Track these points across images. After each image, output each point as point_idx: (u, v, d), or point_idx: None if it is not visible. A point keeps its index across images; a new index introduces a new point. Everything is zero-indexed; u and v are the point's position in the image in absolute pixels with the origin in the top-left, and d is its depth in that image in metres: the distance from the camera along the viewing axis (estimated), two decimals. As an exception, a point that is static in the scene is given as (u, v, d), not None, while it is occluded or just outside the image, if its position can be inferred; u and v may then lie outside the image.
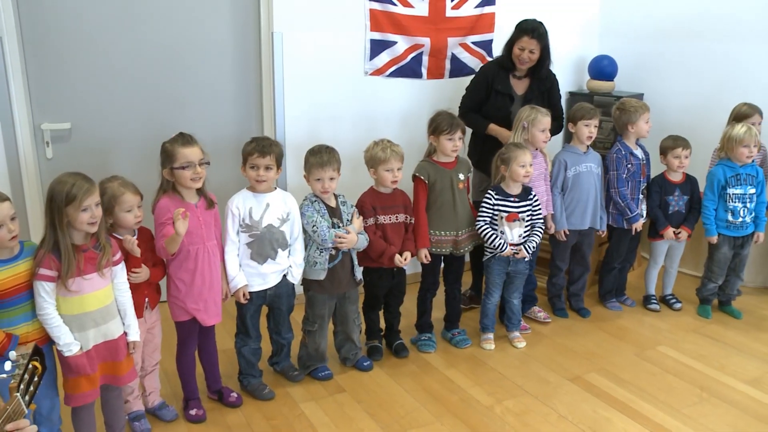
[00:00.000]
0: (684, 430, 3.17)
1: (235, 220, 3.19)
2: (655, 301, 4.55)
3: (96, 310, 2.63)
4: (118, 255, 2.72)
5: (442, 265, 3.93)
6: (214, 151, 3.76)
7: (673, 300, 4.57)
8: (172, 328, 3.17)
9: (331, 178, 3.36)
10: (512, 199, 3.77)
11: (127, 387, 2.99)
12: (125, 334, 2.76)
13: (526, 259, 3.90)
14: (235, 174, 3.53)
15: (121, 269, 2.74)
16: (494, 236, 3.75)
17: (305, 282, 3.45)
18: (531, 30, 4.05)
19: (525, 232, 3.82)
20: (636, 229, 4.29)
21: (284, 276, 3.34)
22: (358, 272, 3.54)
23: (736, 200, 4.19)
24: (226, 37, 4.09)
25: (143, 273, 2.89)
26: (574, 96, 5.37)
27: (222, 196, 3.26)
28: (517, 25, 4.14)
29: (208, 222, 3.07)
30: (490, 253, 3.84)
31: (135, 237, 2.84)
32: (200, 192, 3.07)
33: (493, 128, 4.14)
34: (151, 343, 3.11)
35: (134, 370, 2.85)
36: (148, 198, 3.00)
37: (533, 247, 3.87)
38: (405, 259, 3.61)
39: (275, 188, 3.32)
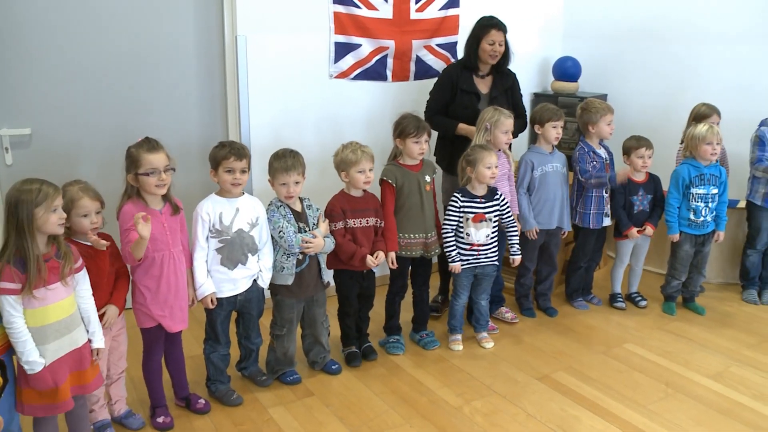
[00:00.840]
0: (650, 426, 3.21)
1: (205, 226, 3.16)
2: (621, 300, 4.60)
3: (59, 321, 2.57)
4: (80, 262, 2.68)
5: (410, 267, 3.94)
6: (180, 156, 3.73)
7: (639, 298, 4.63)
8: (139, 334, 3.14)
9: (296, 183, 3.34)
10: (478, 200, 3.79)
11: (93, 396, 2.94)
12: (89, 341, 2.72)
13: (515, 265, 3.98)
14: (200, 179, 3.51)
15: (83, 276, 2.69)
16: (452, 249, 3.79)
17: (273, 287, 3.43)
18: (497, 23, 4.13)
19: (493, 233, 3.83)
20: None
21: (254, 281, 3.32)
22: (326, 275, 3.53)
23: (699, 200, 4.25)
24: (189, 40, 4.06)
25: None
26: (538, 97, 5.42)
27: (188, 201, 3.24)
28: (479, 23, 4.18)
29: (173, 228, 3.04)
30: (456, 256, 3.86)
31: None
32: (166, 198, 3.03)
33: (463, 127, 4.15)
34: (117, 350, 3.07)
35: (100, 376, 2.81)
36: (113, 204, 2.96)
37: (516, 251, 3.93)
38: (376, 258, 3.60)
39: (243, 193, 3.30)
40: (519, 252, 3.96)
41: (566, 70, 5.43)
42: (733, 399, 3.45)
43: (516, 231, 3.93)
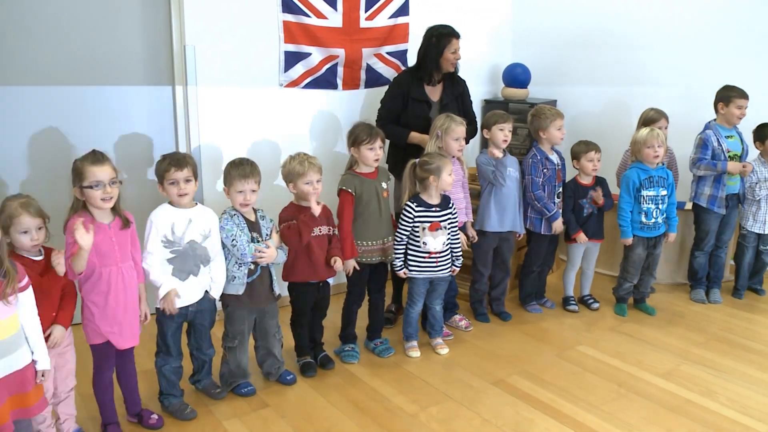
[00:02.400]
0: (603, 426, 3.25)
1: (158, 233, 3.11)
2: (573, 302, 4.66)
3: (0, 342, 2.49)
4: (25, 280, 2.58)
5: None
6: (129, 168, 3.70)
7: (591, 300, 4.69)
8: (90, 350, 3.07)
9: (253, 191, 3.33)
10: (434, 208, 3.80)
11: (39, 416, 2.86)
12: (33, 362, 2.63)
13: (452, 273, 3.97)
14: (151, 191, 3.45)
15: (27, 295, 2.60)
16: (400, 258, 3.80)
17: (223, 297, 3.40)
18: (456, 33, 4.21)
19: (448, 240, 3.85)
20: (556, 229, 4.38)
21: (205, 292, 3.28)
22: (277, 287, 3.50)
23: (649, 201, 4.33)
24: (137, 50, 4.01)
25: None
26: (489, 104, 5.48)
27: (139, 213, 3.18)
28: (437, 33, 4.19)
29: (122, 242, 2.98)
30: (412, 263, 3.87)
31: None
32: (115, 211, 2.98)
33: (415, 136, 4.17)
34: (64, 368, 2.98)
35: (44, 399, 2.71)
36: (62, 217, 2.90)
37: (459, 264, 3.93)
38: (334, 263, 3.60)
39: (195, 204, 3.27)
40: (460, 266, 3.95)
41: (516, 76, 5.49)
42: (683, 396, 3.51)
43: (459, 242, 3.94)
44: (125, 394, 3.24)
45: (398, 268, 3.82)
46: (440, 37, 4.18)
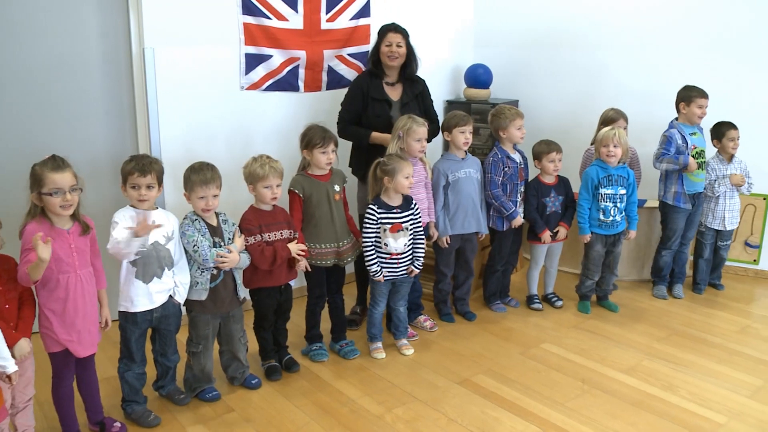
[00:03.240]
0: (568, 423, 3.28)
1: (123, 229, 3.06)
2: (537, 301, 4.70)
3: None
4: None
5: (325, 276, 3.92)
6: (89, 172, 3.63)
7: (555, 298, 4.74)
8: (48, 357, 3.01)
9: (215, 196, 3.31)
10: (395, 210, 3.81)
11: (-2, 425, 2.81)
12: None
13: (413, 275, 3.96)
14: (111, 195, 3.42)
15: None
16: (375, 263, 3.79)
17: (187, 302, 3.37)
18: (393, 26, 4.22)
19: (409, 241, 3.86)
20: (515, 225, 4.40)
21: (170, 296, 3.25)
22: (242, 291, 3.48)
23: (608, 200, 4.38)
24: (95, 53, 3.95)
25: None
26: (451, 104, 5.50)
27: (99, 218, 3.14)
28: (378, 30, 4.26)
29: (81, 249, 2.93)
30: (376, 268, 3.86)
31: None
32: (74, 217, 2.93)
33: (376, 136, 4.18)
34: (23, 377, 2.92)
35: (4, 408, 2.67)
36: (15, 223, 2.85)
37: (420, 265, 3.93)
38: (298, 262, 3.58)
39: (156, 207, 3.23)
40: (421, 266, 3.96)
41: (478, 77, 5.52)
42: (645, 391, 3.57)
43: (423, 243, 3.95)
44: (86, 402, 3.19)
45: (375, 274, 3.82)
46: (378, 33, 4.26)
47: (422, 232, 3.94)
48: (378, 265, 3.81)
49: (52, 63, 3.84)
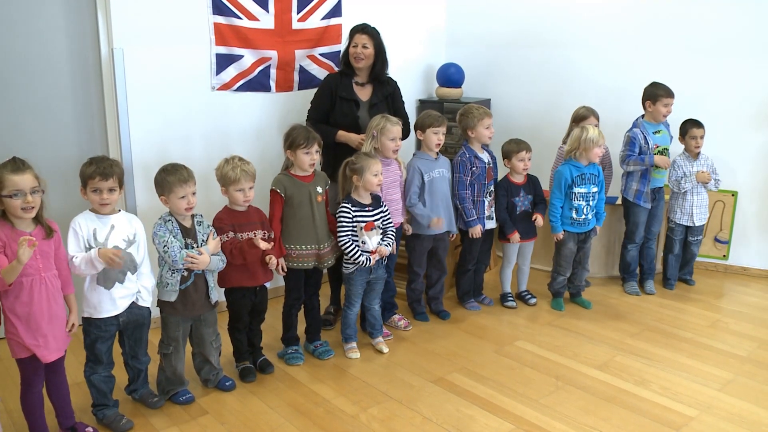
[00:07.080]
0: (542, 419, 3.30)
1: (79, 238, 3.02)
2: (511, 299, 4.72)
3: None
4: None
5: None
6: (56, 175, 3.59)
7: (528, 296, 4.76)
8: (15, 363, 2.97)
9: (194, 193, 3.30)
10: (367, 208, 3.81)
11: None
12: None
13: (385, 262, 3.96)
14: (79, 199, 3.35)
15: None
16: (358, 253, 3.77)
17: (159, 303, 3.34)
18: (361, 28, 4.24)
19: (381, 239, 3.86)
20: (473, 234, 4.38)
21: (133, 302, 3.22)
22: (214, 294, 3.44)
23: (581, 198, 4.41)
24: (62, 54, 3.89)
25: None
26: (424, 103, 5.51)
27: (65, 222, 3.08)
28: (349, 32, 4.28)
29: (45, 252, 2.88)
30: (353, 265, 3.84)
31: None
32: (37, 220, 2.88)
33: (342, 134, 4.18)
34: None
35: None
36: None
37: (388, 244, 3.90)
38: (269, 260, 3.55)
39: (119, 210, 3.20)
40: (389, 246, 3.90)
41: (450, 76, 5.54)
42: (617, 386, 3.60)
43: (393, 237, 3.94)
44: (57, 408, 3.13)
45: (364, 264, 3.79)
46: (349, 33, 4.29)
47: (392, 231, 3.94)
48: (362, 254, 3.78)
49: (18, 64, 3.78)
